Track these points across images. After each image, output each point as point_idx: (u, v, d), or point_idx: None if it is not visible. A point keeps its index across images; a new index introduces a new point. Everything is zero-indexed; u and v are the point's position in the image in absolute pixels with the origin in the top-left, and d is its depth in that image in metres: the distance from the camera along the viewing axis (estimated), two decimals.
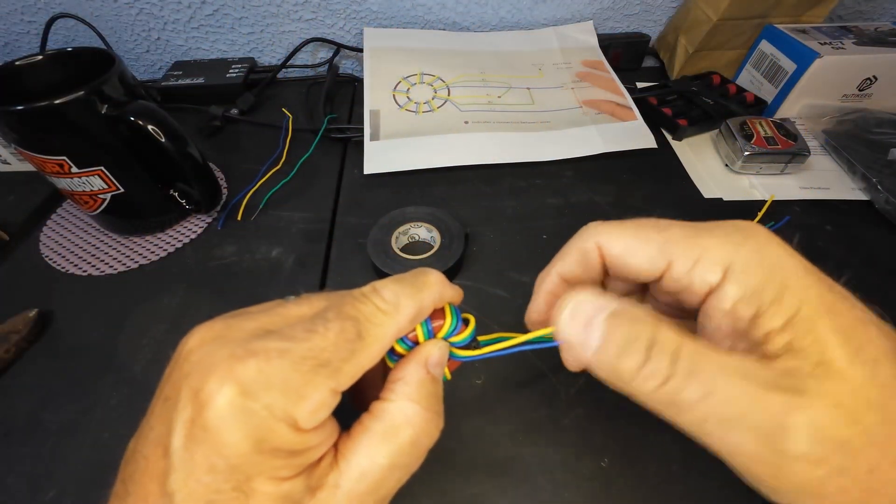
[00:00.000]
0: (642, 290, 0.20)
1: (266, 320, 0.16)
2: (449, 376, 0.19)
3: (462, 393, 0.29)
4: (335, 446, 0.16)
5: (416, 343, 0.18)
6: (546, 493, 0.25)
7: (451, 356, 0.19)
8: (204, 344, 0.15)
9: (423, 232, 0.38)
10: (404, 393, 0.17)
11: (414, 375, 0.17)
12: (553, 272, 0.19)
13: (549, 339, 0.18)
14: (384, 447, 0.15)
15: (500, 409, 0.28)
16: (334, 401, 0.15)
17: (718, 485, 0.25)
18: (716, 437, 0.13)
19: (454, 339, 0.19)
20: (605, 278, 0.19)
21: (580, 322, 0.15)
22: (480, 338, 0.19)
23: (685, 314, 0.17)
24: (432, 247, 0.36)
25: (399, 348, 0.18)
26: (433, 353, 0.17)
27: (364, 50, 0.55)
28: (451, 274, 0.35)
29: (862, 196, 0.42)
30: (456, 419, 0.28)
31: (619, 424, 0.27)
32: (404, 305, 0.16)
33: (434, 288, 0.18)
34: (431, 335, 0.18)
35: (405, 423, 0.16)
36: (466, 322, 0.19)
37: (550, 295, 0.19)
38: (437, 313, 0.18)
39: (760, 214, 0.39)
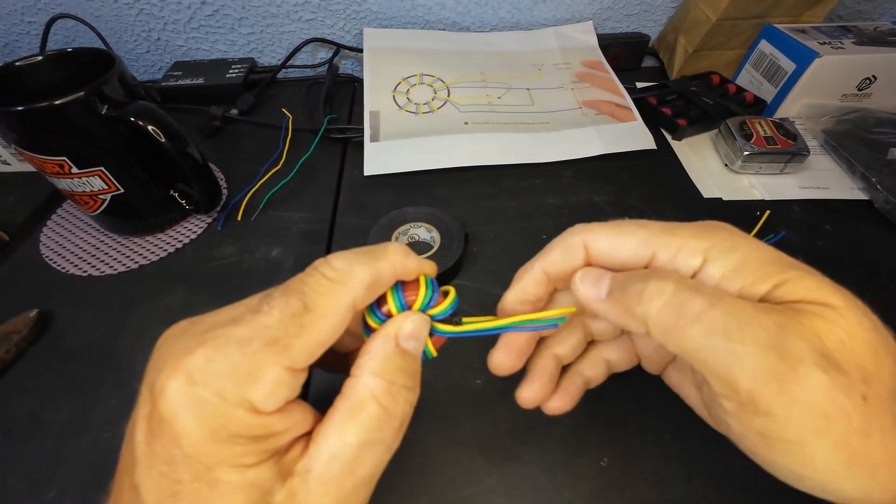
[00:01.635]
0: None
1: (230, 313, 0.15)
2: (434, 353, 0.18)
3: (462, 393, 0.29)
4: (311, 434, 0.15)
5: (390, 316, 0.17)
6: (546, 493, 0.25)
7: (434, 331, 0.18)
8: (166, 342, 0.15)
9: (422, 232, 0.38)
10: (369, 367, 0.16)
11: (380, 349, 0.16)
12: (536, 266, 0.19)
13: (533, 323, 0.19)
14: (351, 425, 0.15)
15: (500, 409, 0.28)
16: (294, 379, 0.14)
17: (718, 485, 0.25)
18: (718, 351, 0.14)
19: (432, 311, 0.18)
20: None
21: (590, 281, 0.17)
22: (466, 320, 0.19)
23: None
24: (432, 247, 0.36)
25: (372, 322, 0.17)
26: (404, 326, 0.17)
27: (364, 50, 0.55)
28: (451, 274, 0.35)
29: (861, 195, 0.42)
30: (456, 419, 0.28)
31: (619, 424, 0.27)
32: (357, 273, 0.16)
33: (393, 257, 0.17)
34: (405, 307, 0.17)
35: (369, 398, 0.15)
36: (446, 294, 0.18)
37: (528, 292, 0.19)
38: (412, 286, 0.18)
39: (756, 229, 0.38)
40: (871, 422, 0.13)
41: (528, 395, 0.20)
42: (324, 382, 0.27)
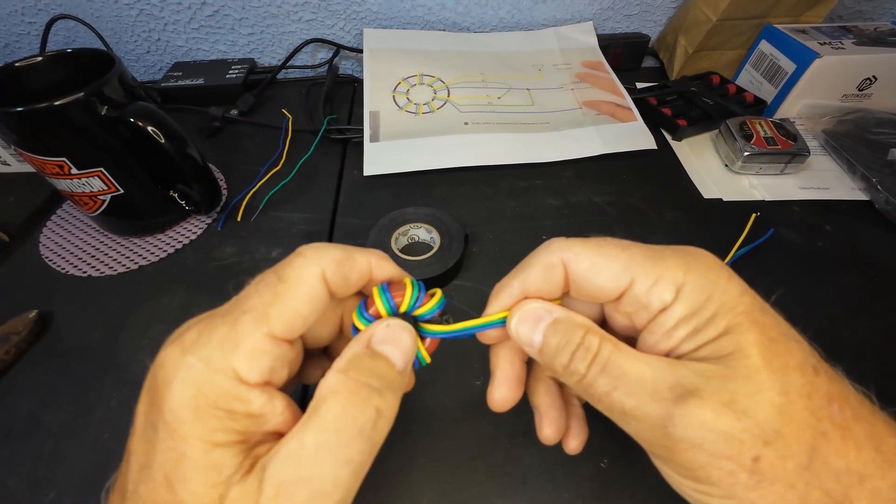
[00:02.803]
0: (598, 316, 0.20)
1: (231, 300, 0.17)
2: (428, 358, 0.18)
3: (462, 393, 0.29)
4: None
5: (378, 317, 0.18)
6: (546, 493, 0.25)
7: (423, 333, 0.18)
8: (177, 329, 0.16)
9: (422, 233, 0.38)
10: (335, 366, 0.16)
11: (350, 349, 0.16)
12: (515, 284, 0.18)
13: None
14: (310, 424, 0.14)
15: None
16: (275, 348, 0.15)
17: None
18: (623, 423, 0.16)
19: (419, 311, 0.18)
20: (565, 299, 0.19)
21: (527, 328, 0.18)
22: (463, 324, 0.19)
23: (633, 337, 0.18)
24: (432, 248, 0.36)
25: (359, 324, 0.18)
26: (378, 330, 0.17)
27: (364, 51, 0.55)
28: (451, 274, 0.35)
29: (862, 196, 0.42)
30: (456, 419, 0.28)
31: None
32: (328, 251, 0.17)
33: (370, 254, 0.18)
34: (392, 306, 0.18)
35: (329, 393, 0.15)
36: (433, 295, 0.18)
37: (505, 310, 0.19)
38: (399, 287, 0.18)
39: (746, 229, 0.38)
40: (760, 477, 0.14)
41: (549, 431, 0.20)
42: None
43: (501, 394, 0.19)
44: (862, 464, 0.14)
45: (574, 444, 0.20)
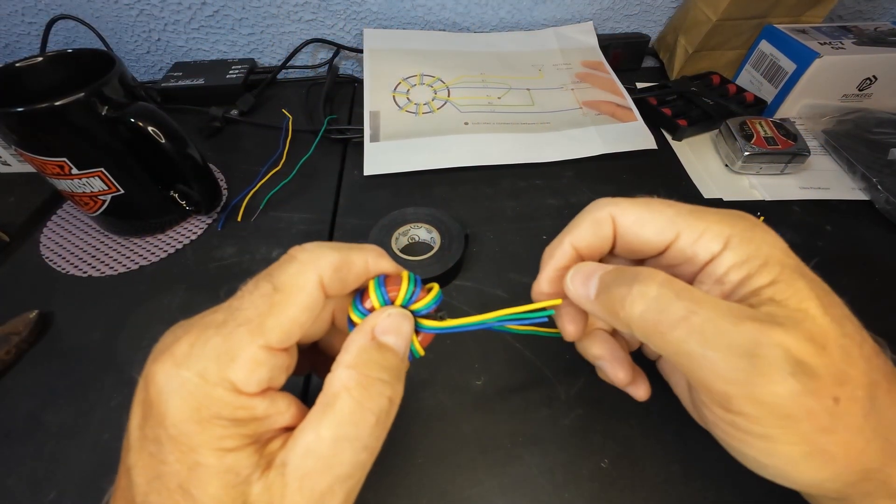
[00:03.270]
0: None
1: (216, 307, 0.16)
2: (422, 351, 0.18)
3: (462, 393, 0.29)
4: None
5: (373, 311, 0.18)
6: (546, 493, 0.25)
7: (419, 328, 0.18)
8: (162, 337, 0.16)
9: (422, 233, 0.38)
10: (342, 360, 0.16)
11: (355, 342, 0.17)
12: (566, 242, 0.19)
13: (521, 316, 0.19)
14: (326, 418, 0.15)
15: (500, 409, 0.28)
16: (273, 359, 0.15)
17: (718, 486, 0.25)
18: (694, 356, 0.15)
19: (415, 305, 0.18)
20: (609, 258, 0.20)
21: (581, 279, 0.18)
22: (459, 321, 0.19)
23: None
24: (432, 248, 0.36)
25: (355, 318, 0.18)
26: (381, 321, 0.17)
27: (364, 51, 0.55)
28: (452, 275, 0.35)
29: (862, 196, 0.42)
30: (456, 419, 0.28)
31: (619, 424, 0.27)
32: (325, 254, 0.16)
33: (367, 252, 0.18)
34: (387, 301, 0.18)
35: (342, 389, 0.15)
36: (430, 291, 0.19)
37: (560, 271, 0.20)
38: (395, 281, 0.18)
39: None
40: (837, 420, 0.14)
41: (622, 374, 0.21)
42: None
43: (571, 317, 0.20)
44: None
45: (643, 391, 0.21)
